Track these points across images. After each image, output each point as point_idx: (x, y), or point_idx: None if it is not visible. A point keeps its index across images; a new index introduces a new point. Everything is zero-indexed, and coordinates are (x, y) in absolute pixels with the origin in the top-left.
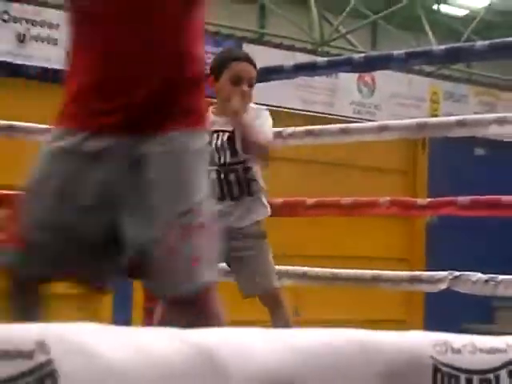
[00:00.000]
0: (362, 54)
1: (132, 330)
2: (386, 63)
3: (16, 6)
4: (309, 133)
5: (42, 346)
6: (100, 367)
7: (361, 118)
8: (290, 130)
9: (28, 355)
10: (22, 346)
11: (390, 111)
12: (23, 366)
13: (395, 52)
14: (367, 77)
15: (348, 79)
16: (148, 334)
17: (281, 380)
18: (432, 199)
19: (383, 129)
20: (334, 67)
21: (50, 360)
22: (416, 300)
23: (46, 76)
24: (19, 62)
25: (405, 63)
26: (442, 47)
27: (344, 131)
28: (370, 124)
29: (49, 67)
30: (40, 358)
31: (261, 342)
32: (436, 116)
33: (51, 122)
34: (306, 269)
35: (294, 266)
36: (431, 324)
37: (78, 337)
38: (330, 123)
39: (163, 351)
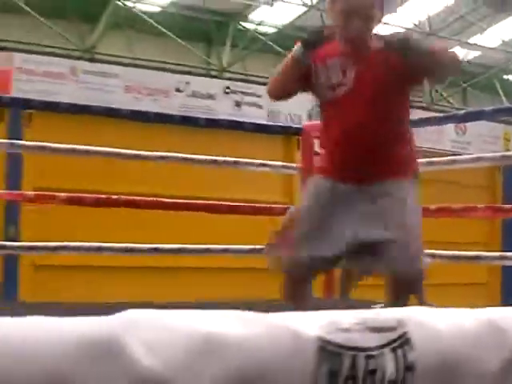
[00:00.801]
0: (463, 111)
1: (445, 311)
2: (480, 116)
3: (234, 83)
4: (431, 163)
5: (400, 322)
6: (438, 336)
7: (457, 151)
8: None
9: (392, 329)
10: (388, 324)
11: (477, 147)
12: (390, 336)
13: (486, 108)
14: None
15: (448, 125)
16: (456, 314)
17: None
18: None
19: (478, 159)
20: (447, 119)
21: (406, 332)
22: (495, 269)
23: (256, 129)
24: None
25: (492, 116)
26: None
27: (453, 161)
28: (468, 156)
29: (257, 123)
30: (400, 331)
31: None
32: (508, 150)
33: (262, 157)
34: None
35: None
36: (508, 286)
37: (421, 316)
38: (434, 156)
39: (469, 323)
